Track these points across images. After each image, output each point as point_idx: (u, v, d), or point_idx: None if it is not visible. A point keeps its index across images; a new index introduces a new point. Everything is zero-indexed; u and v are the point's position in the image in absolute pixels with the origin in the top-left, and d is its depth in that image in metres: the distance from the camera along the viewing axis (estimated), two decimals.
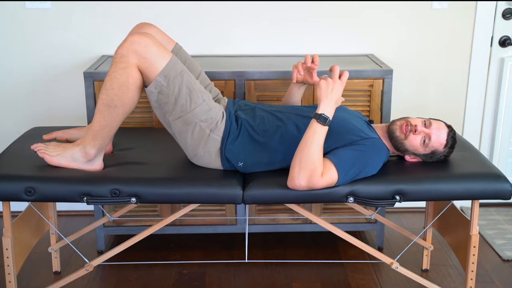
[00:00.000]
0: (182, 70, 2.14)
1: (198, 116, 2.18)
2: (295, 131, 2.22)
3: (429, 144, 2.26)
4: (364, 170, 2.16)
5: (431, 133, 2.26)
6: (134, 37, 2.08)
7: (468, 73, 3.26)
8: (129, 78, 2.08)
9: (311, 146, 2.07)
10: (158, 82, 2.11)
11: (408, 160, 2.33)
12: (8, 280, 2.26)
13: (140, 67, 2.09)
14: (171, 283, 2.70)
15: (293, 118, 2.27)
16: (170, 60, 2.11)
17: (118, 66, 2.08)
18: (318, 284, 2.70)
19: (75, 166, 2.20)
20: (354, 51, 3.20)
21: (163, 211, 2.93)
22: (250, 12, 3.12)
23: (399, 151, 2.32)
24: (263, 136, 2.23)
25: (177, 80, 2.12)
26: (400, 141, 2.27)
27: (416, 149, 2.27)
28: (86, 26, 3.10)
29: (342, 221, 2.97)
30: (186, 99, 2.15)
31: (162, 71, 2.10)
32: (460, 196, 2.20)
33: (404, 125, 2.27)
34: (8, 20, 3.08)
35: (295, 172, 2.09)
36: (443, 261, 2.90)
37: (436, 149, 2.27)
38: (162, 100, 2.15)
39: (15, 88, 3.18)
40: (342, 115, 2.29)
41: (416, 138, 2.25)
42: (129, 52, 2.06)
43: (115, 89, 2.09)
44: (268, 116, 2.29)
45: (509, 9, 3.20)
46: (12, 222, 2.24)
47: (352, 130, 2.23)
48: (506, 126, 3.35)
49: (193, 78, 2.18)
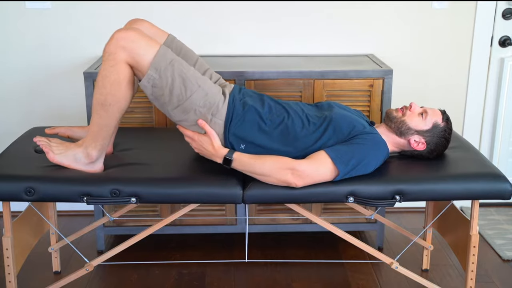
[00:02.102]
0: (172, 59, 2.12)
1: (195, 102, 2.16)
2: (300, 126, 2.23)
3: (427, 117, 2.30)
4: (364, 162, 2.16)
5: (426, 109, 2.33)
6: (120, 33, 2.07)
7: (468, 73, 3.26)
8: (120, 75, 2.08)
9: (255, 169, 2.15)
10: (150, 76, 2.11)
11: (414, 147, 2.32)
12: (8, 280, 2.26)
13: (130, 62, 2.08)
14: (171, 283, 2.70)
15: (300, 113, 2.27)
16: (158, 52, 2.09)
17: (107, 64, 2.08)
18: (318, 284, 2.70)
19: (75, 167, 2.20)
20: (354, 51, 3.20)
21: (163, 211, 2.93)
22: (250, 12, 3.12)
23: (402, 136, 2.32)
24: (269, 125, 2.22)
25: (168, 71, 2.11)
26: (399, 119, 2.31)
27: (418, 124, 2.30)
28: (86, 26, 3.10)
29: (342, 221, 2.97)
30: (181, 88, 2.14)
31: (152, 64, 2.09)
32: (460, 196, 2.20)
33: (399, 107, 2.36)
34: (8, 20, 3.08)
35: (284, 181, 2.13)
36: (443, 261, 2.90)
37: (435, 122, 2.31)
38: (157, 93, 2.15)
39: (15, 88, 3.18)
40: (344, 113, 2.30)
41: (414, 113, 2.31)
42: (117, 49, 2.06)
43: (107, 87, 2.09)
44: (276, 106, 2.28)
45: (509, 9, 3.20)
46: (12, 222, 2.24)
47: (355, 126, 2.24)
48: (506, 126, 3.35)
49: (185, 66, 2.16)
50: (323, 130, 2.23)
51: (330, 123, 2.23)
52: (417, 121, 2.30)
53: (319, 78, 2.80)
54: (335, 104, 2.40)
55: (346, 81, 2.82)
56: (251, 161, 2.15)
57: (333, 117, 2.26)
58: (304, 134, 2.22)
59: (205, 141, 2.20)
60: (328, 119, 2.25)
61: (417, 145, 2.32)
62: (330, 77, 2.81)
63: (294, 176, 2.11)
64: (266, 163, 2.14)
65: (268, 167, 2.13)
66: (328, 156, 2.13)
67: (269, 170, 2.13)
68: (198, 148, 2.23)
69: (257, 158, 2.16)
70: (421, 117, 2.31)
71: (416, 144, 2.32)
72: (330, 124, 2.23)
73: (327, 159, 2.13)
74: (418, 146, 2.32)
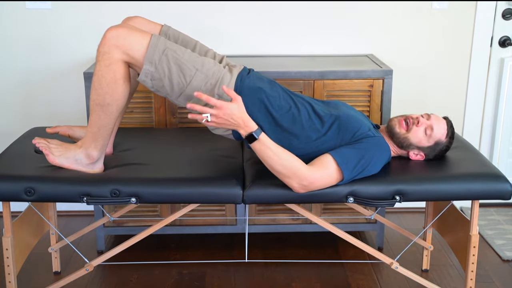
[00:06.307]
0: (164, 48, 2.10)
1: (197, 87, 2.14)
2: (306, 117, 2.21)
3: (432, 134, 2.28)
4: (368, 167, 2.16)
5: (432, 124, 2.28)
6: (111, 32, 2.06)
7: (468, 73, 3.26)
8: (115, 74, 2.07)
9: (274, 158, 2.08)
10: (146, 70, 2.10)
11: (413, 158, 2.33)
12: (8, 280, 2.26)
13: (125, 59, 2.08)
14: (171, 283, 2.70)
15: (306, 105, 2.25)
16: (149, 44, 2.08)
17: (102, 64, 2.07)
18: (318, 284, 2.70)
19: (76, 168, 2.20)
20: (354, 51, 3.20)
21: (163, 211, 2.93)
22: (250, 12, 3.12)
23: (403, 148, 2.32)
24: (276, 111, 2.20)
25: (163, 61, 2.10)
26: (402, 136, 2.29)
27: (420, 141, 2.28)
28: (86, 26, 3.10)
29: (342, 221, 2.97)
30: (179, 75, 2.12)
31: (146, 58, 2.08)
32: (460, 196, 2.20)
33: (403, 119, 2.30)
34: (8, 20, 3.09)
35: (289, 184, 2.11)
36: (443, 261, 2.90)
37: (439, 139, 2.29)
38: (158, 85, 2.14)
39: (15, 88, 3.18)
40: (351, 113, 2.29)
41: (419, 130, 2.27)
42: (110, 48, 2.05)
43: (104, 87, 2.09)
44: (284, 95, 2.25)
45: (509, 9, 3.20)
46: (12, 222, 2.24)
47: (360, 127, 2.23)
48: (506, 126, 3.35)
49: (179, 52, 2.13)
50: (328, 127, 2.22)
51: (336, 122, 2.22)
52: (420, 138, 2.28)
53: (319, 78, 2.80)
54: (343, 104, 2.39)
55: (346, 81, 2.82)
56: (270, 151, 2.07)
57: (340, 115, 2.24)
58: (309, 125, 2.20)
59: (234, 108, 2.01)
60: (334, 117, 2.24)
61: (415, 156, 2.33)
62: (330, 77, 2.81)
63: (300, 186, 2.09)
64: (281, 160, 2.08)
65: (281, 165, 2.08)
66: (335, 162, 2.11)
67: (281, 169, 2.09)
68: (224, 118, 2.01)
69: (276, 152, 2.08)
70: (425, 134, 2.28)
71: (414, 156, 2.33)
72: (335, 122, 2.22)
73: (333, 165, 2.11)
74: (417, 157, 2.33)
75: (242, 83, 2.19)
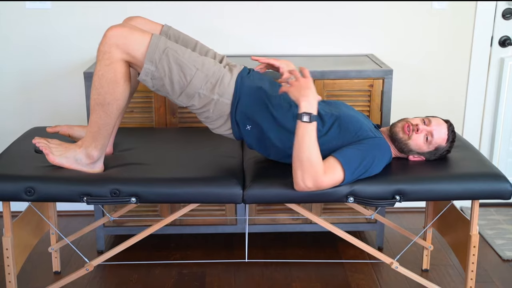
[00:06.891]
0: (165, 48, 2.11)
1: (197, 86, 2.14)
2: None
3: (432, 141, 2.28)
4: (370, 169, 2.16)
5: (433, 130, 2.28)
6: (111, 32, 2.06)
7: (468, 73, 3.26)
8: (116, 73, 2.07)
9: (307, 148, 2.05)
10: (147, 69, 2.10)
11: (412, 159, 2.33)
12: (8, 280, 2.26)
13: (126, 58, 2.08)
14: (171, 283, 2.70)
15: None
16: (150, 44, 2.08)
17: (103, 63, 2.07)
18: (318, 284, 2.70)
19: (76, 167, 2.20)
20: (354, 51, 3.20)
21: (163, 211, 2.93)
22: (250, 12, 3.12)
23: (403, 153, 2.33)
24: (276, 110, 2.20)
25: (163, 61, 2.10)
26: (404, 142, 2.29)
27: (421, 147, 2.29)
28: (86, 26, 3.10)
29: (342, 221, 2.97)
30: (180, 75, 2.13)
31: (146, 57, 2.08)
32: (460, 196, 2.20)
33: (406, 125, 2.29)
34: (8, 20, 3.09)
35: (298, 177, 2.08)
36: (443, 261, 2.90)
37: (439, 145, 2.29)
38: (158, 84, 2.14)
39: (15, 88, 3.18)
40: (351, 113, 2.29)
41: (419, 137, 2.27)
42: (111, 48, 2.05)
43: (104, 87, 2.09)
44: (284, 94, 2.23)
45: (509, 9, 3.20)
46: (12, 222, 2.24)
47: (361, 127, 2.24)
48: (506, 126, 3.35)
49: (180, 51, 2.14)
50: (329, 127, 2.22)
51: (336, 121, 2.23)
52: (420, 145, 2.29)
53: (319, 78, 2.80)
54: (343, 104, 2.39)
55: (346, 81, 2.82)
56: (310, 141, 2.04)
57: (340, 115, 2.25)
58: None
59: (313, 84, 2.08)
60: (335, 117, 2.24)
61: (414, 158, 2.34)
62: (330, 77, 2.81)
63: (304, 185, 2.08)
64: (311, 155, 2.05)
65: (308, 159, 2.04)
66: (339, 163, 2.11)
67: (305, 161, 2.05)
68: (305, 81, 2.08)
69: (313, 145, 2.05)
70: (426, 141, 2.28)
71: (414, 158, 2.34)
72: (335, 122, 2.22)
73: (338, 167, 2.11)
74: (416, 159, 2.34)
75: (242, 82, 2.20)
